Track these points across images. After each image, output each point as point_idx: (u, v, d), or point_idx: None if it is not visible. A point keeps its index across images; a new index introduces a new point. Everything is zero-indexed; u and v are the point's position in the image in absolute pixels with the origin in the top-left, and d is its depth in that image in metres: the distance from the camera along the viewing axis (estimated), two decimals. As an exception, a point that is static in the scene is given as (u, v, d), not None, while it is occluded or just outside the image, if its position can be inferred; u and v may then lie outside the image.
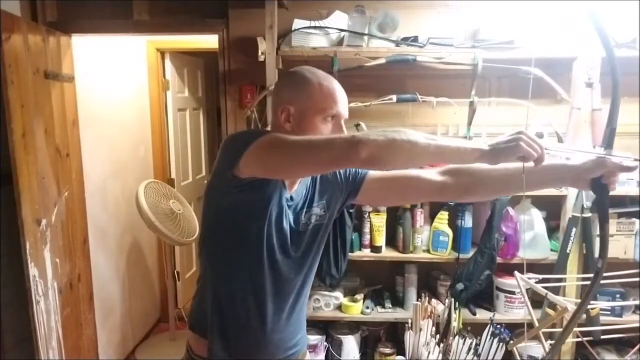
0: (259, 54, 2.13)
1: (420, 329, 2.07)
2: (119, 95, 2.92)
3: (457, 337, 2.05)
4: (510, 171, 1.07)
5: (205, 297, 1.19)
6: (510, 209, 2.13)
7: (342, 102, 1.12)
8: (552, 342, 1.14)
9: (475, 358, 2.01)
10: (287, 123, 1.10)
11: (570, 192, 2.06)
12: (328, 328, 2.31)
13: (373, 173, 1.23)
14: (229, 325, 1.16)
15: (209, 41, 2.58)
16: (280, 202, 1.11)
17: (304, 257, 1.20)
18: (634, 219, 2.08)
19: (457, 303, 2.08)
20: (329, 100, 1.09)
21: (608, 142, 1.04)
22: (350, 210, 2.09)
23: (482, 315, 2.18)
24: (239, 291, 1.15)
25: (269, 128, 1.21)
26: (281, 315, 1.19)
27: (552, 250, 2.17)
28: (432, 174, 1.18)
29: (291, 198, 1.14)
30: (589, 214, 2.02)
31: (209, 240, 1.18)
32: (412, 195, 1.14)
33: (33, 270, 1.99)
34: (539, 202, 2.18)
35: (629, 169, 0.99)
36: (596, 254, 2.06)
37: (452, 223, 2.19)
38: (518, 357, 1.58)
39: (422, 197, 1.21)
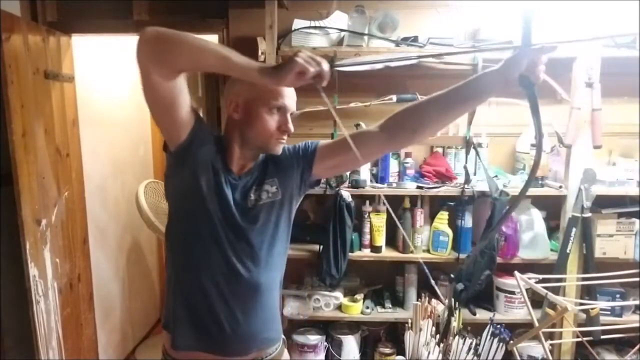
0: (259, 54, 2.13)
1: (420, 329, 2.07)
2: (119, 95, 2.92)
3: (457, 337, 2.05)
4: (444, 93, 1.08)
5: (169, 291, 1.23)
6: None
7: (289, 96, 1.16)
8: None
9: (475, 358, 2.01)
10: (235, 114, 1.16)
11: (570, 192, 2.06)
12: (328, 328, 2.31)
13: (323, 143, 1.25)
14: (189, 313, 1.18)
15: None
16: (218, 179, 1.15)
17: (260, 235, 1.19)
18: (634, 219, 2.08)
19: (457, 303, 2.08)
20: (274, 93, 1.13)
21: (524, 40, 1.04)
22: (348, 199, 2.09)
23: (482, 315, 2.18)
24: (192, 277, 1.17)
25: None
26: (242, 303, 1.18)
27: (552, 250, 2.17)
28: (374, 128, 1.17)
29: (239, 177, 1.19)
30: (589, 214, 2.02)
31: (167, 230, 1.25)
32: (365, 152, 1.12)
33: (33, 270, 1.99)
34: (539, 202, 2.18)
35: (549, 49, 1.02)
36: (596, 253, 2.07)
37: (452, 223, 2.19)
38: (518, 357, 1.58)
39: (375, 151, 1.22)
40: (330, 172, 1.47)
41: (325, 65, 0.97)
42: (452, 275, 2.12)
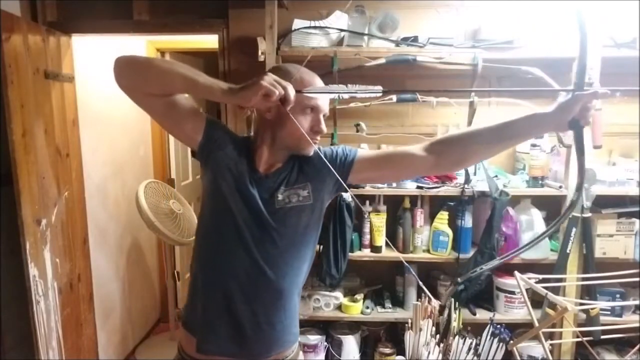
0: (259, 54, 2.13)
1: (420, 329, 2.07)
2: (119, 95, 2.88)
3: (457, 337, 2.05)
4: (496, 128, 1.11)
5: (192, 291, 1.24)
6: (510, 209, 2.13)
7: (322, 97, 1.16)
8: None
9: (475, 358, 2.01)
10: (268, 113, 1.15)
11: (570, 192, 2.06)
12: (328, 328, 2.31)
13: (362, 154, 1.24)
14: (213, 314, 1.18)
15: (209, 41, 2.58)
16: (242, 179, 1.15)
17: (286, 238, 1.18)
18: (634, 219, 2.08)
19: (457, 303, 2.08)
20: None
21: (578, 83, 1.04)
22: (348, 200, 2.09)
23: (482, 315, 2.18)
24: (217, 278, 1.17)
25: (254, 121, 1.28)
26: (266, 307, 1.18)
27: (552, 250, 2.17)
28: (421, 150, 1.18)
29: (266, 177, 1.18)
30: (589, 214, 2.02)
31: (196, 231, 1.26)
32: (406, 173, 1.18)
33: (33, 270, 1.99)
34: (539, 202, 2.18)
35: (602, 94, 1.02)
36: (596, 253, 2.07)
37: (452, 223, 2.19)
38: (518, 357, 1.58)
39: (416, 173, 1.27)
40: (364, 182, 1.49)
41: (291, 90, 1.01)
42: (459, 280, 2.11)
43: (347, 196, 2.10)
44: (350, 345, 2.24)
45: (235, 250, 1.15)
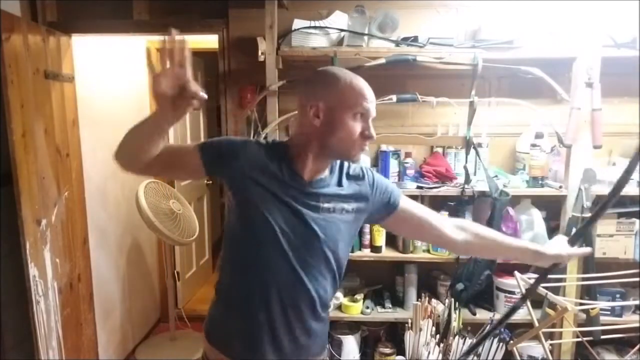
0: (259, 54, 2.13)
1: (420, 329, 2.07)
2: (119, 95, 2.92)
3: (457, 337, 2.05)
4: (504, 244, 1.29)
5: (224, 302, 1.22)
6: (510, 209, 2.13)
7: (372, 101, 1.13)
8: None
9: (475, 358, 2.01)
10: (317, 119, 1.11)
11: (570, 192, 2.06)
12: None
13: (404, 203, 1.27)
14: (248, 326, 1.15)
15: (209, 41, 2.58)
16: (277, 188, 1.12)
17: (327, 246, 1.15)
18: (634, 219, 2.08)
19: (457, 303, 2.08)
20: (359, 98, 1.11)
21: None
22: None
23: (482, 315, 2.18)
24: (255, 288, 1.14)
25: (293, 126, 1.29)
26: (304, 319, 1.17)
27: (552, 250, 2.16)
28: (448, 227, 1.28)
29: (310, 184, 1.15)
30: (589, 214, 2.02)
31: (226, 244, 1.22)
32: (432, 240, 1.40)
33: (33, 270, 1.99)
34: (539, 202, 2.18)
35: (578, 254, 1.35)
36: (596, 253, 2.07)
37: (452, 223, 2.19)
38: (518, 357, 1.58)
39: (431, 242, 1.57)
40: (388, 228, 1.55)
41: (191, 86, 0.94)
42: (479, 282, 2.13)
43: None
44: (350, 345, 2.24)
45: (273, 257, 1.12)
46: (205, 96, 0.95)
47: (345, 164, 1.23)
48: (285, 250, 1.11)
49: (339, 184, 1.19)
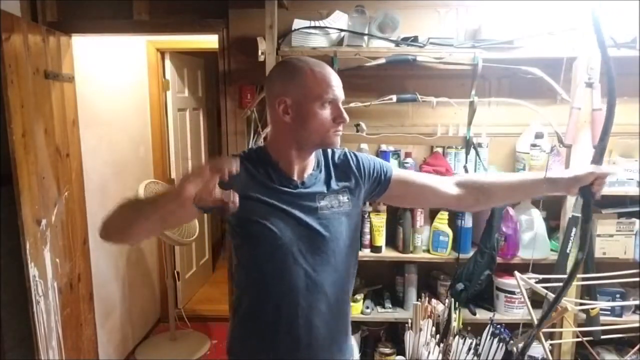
0: (259, 54, 2.13)
1: (420, 329, 2.07)
2: (119, 95, 2.92)
3: (457, 337, 2.05)
4: (514, 183, 1.25)
5: (244, 318, 1.20)
6: (510, 209, 2.13)
7: (337, 85, 1.11)
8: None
9: (475, 358, 2.01)
10: (286, 115, 1.09)
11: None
12: (328, 328, 2.31)
13: (397, 174, 1.25)
14: (276, 337, 1.15)
15: (209, 41, 2.58)
16: (273, 196, 1.10)
17: (334, 243, 1.14)
18: (634, 219, 2.08)
19: (457, 303, 2.08)
20: (323, 85, 1.08)
21: (600, 155, 1.18)
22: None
23: (482, 315, 2.18)
24: (274, 298, 1.14)
25: (268, 127, 1.23)
26: (326, 320, 1.16)
27: (552, 250, 2.17)
28: (447, 185, 1.25)
29: (302, 183, 1.14)
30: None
31: (237, 261, 1.21)
32: (428, 206, 1.24)
33: (33, 270, 1.99)
34: (539, 202, 2.18)
35: (612, 174, 1.20)
36: (596, 253, 2.07)
37: (452, 223, 2.19)
38: (518, 357, 1.57)
39: (436, 205, 1.43)
40: (387, 202, 1.52)
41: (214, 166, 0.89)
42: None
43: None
44: (350, 345, 2.23)
45: (285, 265, 1.11)
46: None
47: (329, 152, 1.21)
48: (295, 254, 1.11)
49: (328, 176, 1.18)
